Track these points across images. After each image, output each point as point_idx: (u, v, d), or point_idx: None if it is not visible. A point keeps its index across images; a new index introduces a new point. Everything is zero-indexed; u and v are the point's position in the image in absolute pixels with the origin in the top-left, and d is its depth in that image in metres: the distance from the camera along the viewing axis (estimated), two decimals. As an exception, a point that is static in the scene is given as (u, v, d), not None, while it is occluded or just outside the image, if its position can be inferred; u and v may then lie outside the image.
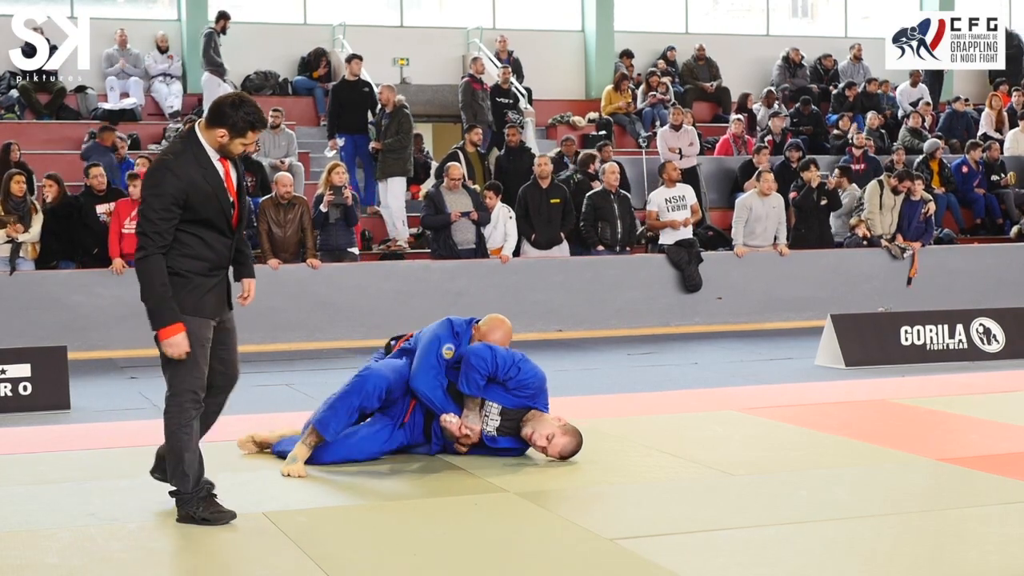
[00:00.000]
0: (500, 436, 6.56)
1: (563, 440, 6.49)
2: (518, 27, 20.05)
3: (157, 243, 5.14)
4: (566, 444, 6.49)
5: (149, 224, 5.15)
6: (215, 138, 5.25)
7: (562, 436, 6.49)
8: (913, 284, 14.68)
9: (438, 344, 6.56)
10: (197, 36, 17.95)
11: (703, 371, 10.82)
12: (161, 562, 4.71)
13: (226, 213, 5.33)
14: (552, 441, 6.47)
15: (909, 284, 14.70)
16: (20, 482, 6.24)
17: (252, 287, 5.68)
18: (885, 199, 14.76)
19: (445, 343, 6.57)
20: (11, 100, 16.65)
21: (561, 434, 6.50)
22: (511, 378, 6.50)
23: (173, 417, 5.31)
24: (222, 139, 5.25)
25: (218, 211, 5.29)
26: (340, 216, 13.09)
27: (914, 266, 14.72)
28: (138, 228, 5.21)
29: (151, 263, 5.14)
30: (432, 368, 6.51)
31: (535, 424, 6.51)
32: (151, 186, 5.21)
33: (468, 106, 16.59)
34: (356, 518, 5.42)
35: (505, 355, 6.51)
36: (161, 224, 5.14)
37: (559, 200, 13.98)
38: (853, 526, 5.17)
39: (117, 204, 12.49)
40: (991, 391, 9.08)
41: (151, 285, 5.16)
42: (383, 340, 8.15)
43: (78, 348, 11.25)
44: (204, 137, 5.27)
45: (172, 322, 5.16)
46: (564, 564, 4.71)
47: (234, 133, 5.24)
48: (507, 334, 6.77)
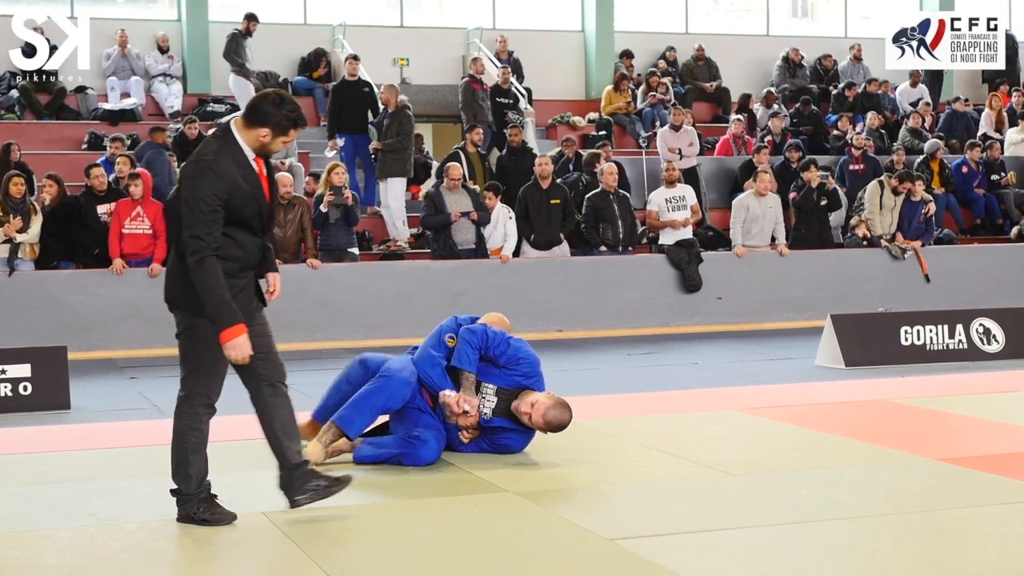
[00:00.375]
0: (495, 416, 6.56)
1: (547, 404, 6.43)
2: (518, 27, 20.06)
3: (209, 244, 5.08)
4: (549, 409, 6.41)
5: (199, 226, 5.08)
6: (256, 137, 5.22)
7: (548, 401, 6.46)
8: (916, 282, 14.68)
9: (440, 333, 6.67)
10: (197, 36, 17.96)
11: (703, 371, 10.82)
12: (161, 562, 4.71)
13: (262, 213, 5.31)
14: (535, 406, 6.42)
15: (928, 281, 14.71)
16: (20, 482, 6.25)
17: (277, 281, 5.61)
18: (885, 199, 14.77)
19: (447, 333, 6.64)
20: (11, 100, 16.65)
21: (547, 400, 6.47)
22: (502, 353, 6.52)
23: (183, 419, 5.33)
24: (264, 138, 5.22)
25: (255, 212, 5.27)
26: (340, 216, 13.10)
27: (923, 264, 14.72)
28: (187, 232, 5.12)
29: (207, 265, 5.08)
30: (433, 349, 6.60)
31: (523, 395, 6.53)
32: (194, 188, 5.13)
33: (468, 106, 16.59)
34: (356, 518, 5.42)
35: (496, 332, 6.58)
36: (211, 225, 5.09)
37: (559, 200, 13.98)
38: (853, 526, 5.17)
39: (117, 204, 12.49)
40: (991, 391, 9.08)
41: (210, 288, 5.09)
42: (383, 340, 8.25)
43: (78, 348, 11.25)
44: (242, 136, 5.23)
45: (234, 323, 5.11)
46: (564, 564, 4.71)
47: (277, 131, 5.21)
48: (505, 330, 6.79)
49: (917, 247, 14.74)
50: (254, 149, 5.24)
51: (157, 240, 12.42)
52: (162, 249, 12.40)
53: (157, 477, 6.24)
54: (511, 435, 6.64)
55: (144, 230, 12.44)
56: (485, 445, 6.66)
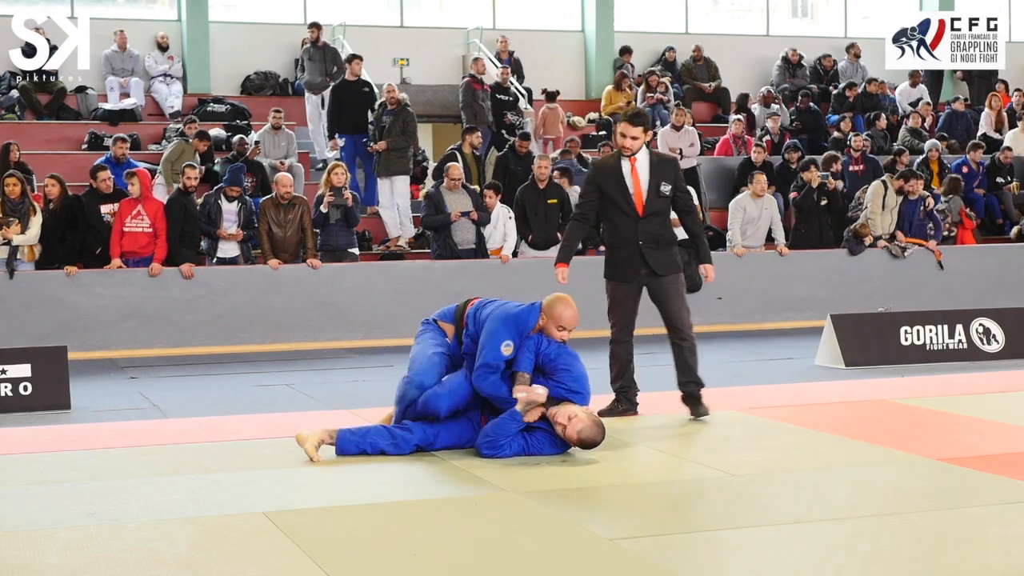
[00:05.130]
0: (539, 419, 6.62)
1: (584, 421, 6.50)
2: (518, 27, 20.07)
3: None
4: (586, 426, 6.49)
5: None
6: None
7: (586, 418, 6.53)
8: (916, 282, 14.68)
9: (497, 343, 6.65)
10: (197, 36, 17.97)
11: (703, 371, 10.80)
12: (161, 562, 4.71)
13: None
14: (572, 420, 6.50)
15: (942, 268, 14.75)
16: (20, 482, 6.24)
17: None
18: (888, 199, 14.77)
19: (504, 340, 6.66)
20: (11, 100, 16.65)
21: (585, 416, 6.54)
22: (552, 359, 6.66)
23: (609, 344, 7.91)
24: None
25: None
26: (340, 216, 13.10)
27: (936, 253, 14.75)
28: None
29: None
30: (491, 371, 6.64)
31: (563, 406, 6.59)
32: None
33: (468, 106, 16.59)
34: (356, 518, 5.42)
35: (551, 341, 6.73)
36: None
37: (556, 200, 13.99)
38: (853, 526, 5.17)
39: (120, 204, 12.48)
40: (991, 391, 9.08)
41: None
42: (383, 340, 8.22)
43: (78, 348, 11.26)
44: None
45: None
46: (564, 564, 4.71)
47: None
48: (574, 317, 6.87)
49: (931, 246, 14.76)
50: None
51: (157, 239, 12.42)
52: (162, 248, 12.40)
53: (157, 477, 6.26)
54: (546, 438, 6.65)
55: (144, 228, 12.43)
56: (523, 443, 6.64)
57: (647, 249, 7.68)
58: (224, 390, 10.00)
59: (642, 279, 7.78)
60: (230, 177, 13.22)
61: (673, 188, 7.72)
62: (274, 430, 7.54)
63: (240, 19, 18.96)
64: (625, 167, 7.68)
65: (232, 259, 13.08)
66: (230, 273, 12.81)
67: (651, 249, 7.69)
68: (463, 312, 6.95)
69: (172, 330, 12.40)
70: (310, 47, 16.65)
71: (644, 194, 7.64)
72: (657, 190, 7.65)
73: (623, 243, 7.74)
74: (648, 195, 7.65)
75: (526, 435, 6.61)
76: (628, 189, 7.65)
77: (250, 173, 14.43)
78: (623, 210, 7.68)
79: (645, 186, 7.65)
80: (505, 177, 14.86)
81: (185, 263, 12.45)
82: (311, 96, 16.69)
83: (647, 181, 7.65)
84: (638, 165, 7.67)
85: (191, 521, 5.30)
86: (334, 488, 5.98)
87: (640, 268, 7.72)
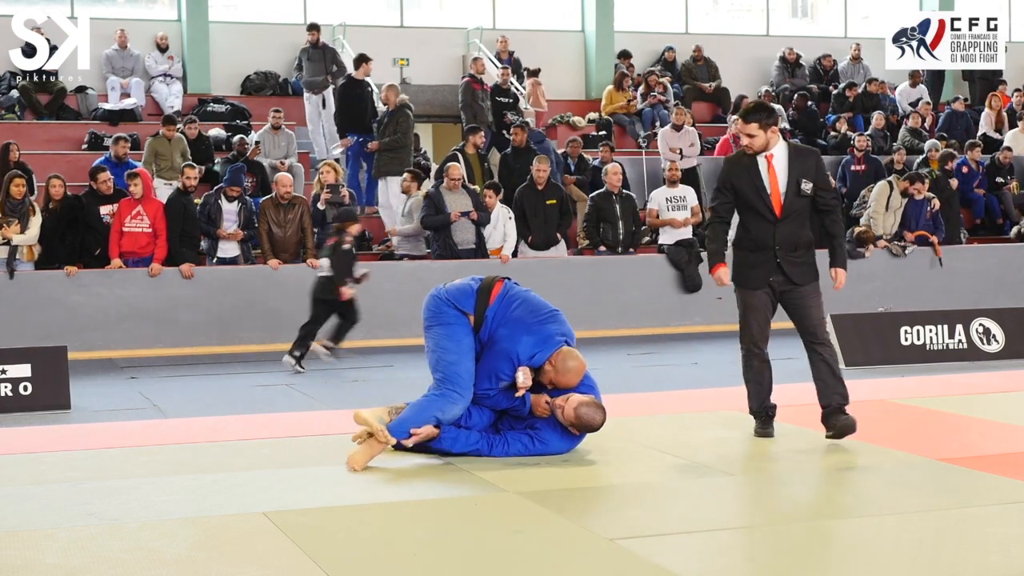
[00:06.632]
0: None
1: (581, 399, 6.41)
2: (518, 27, 20.06)
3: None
4: (583, 404, 6.39)
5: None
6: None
7: (583, 397, 6.43)
8: (916, 282, 14.69)
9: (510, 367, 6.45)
10: (197, 36, 17.96)
11: (703, 371, 10.82)
12: (161, 562, 4.71)
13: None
14: (569, 399, 6.42)
15: (941, 265, 14.81)
16: (20, 482, 6.24)
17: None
18: (892, 200, 14.77)
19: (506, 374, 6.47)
20: (11, 100, 16.64)
21: (583, 396, 6.44)
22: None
23: (742, 361, 7.33)
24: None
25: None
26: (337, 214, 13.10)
27: (936, 250, 14.78)
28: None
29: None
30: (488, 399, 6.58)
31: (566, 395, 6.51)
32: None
33: (468, 106, 16.59)
34: (356, 518, 5.42)
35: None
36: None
37: (555, 201, 13.99)
38: (853, 526, 5.17)
39: (120, 204, 12.48)
40: (991, 391, 9.08)
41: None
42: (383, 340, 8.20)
43: (78, 348, 11.24)
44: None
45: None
46: (564, 564, 4.70)
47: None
48: (573, 383, 6.59)
49: (933, 239, 14.82)
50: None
51: (157, 239, 12.42)
52: (162, 248, 12.40)
53: (157, 477, 6.26)
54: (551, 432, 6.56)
55: (144, 228, 12.43)
56: (527, 442, 6.59)
57: (783, 255, 6.96)
58: (224, 390, 10.00)
59: (778, 287, 7.08)
60: (230, 177, 13.23)
61: (814, 186, 6.95)
62: (274, 430, 7.55)
63: (240, 19, 18.94)
64: (761, 164, 6.92)
65: (232, 259, 13.08)
66: (230, 273, 12.81)
67: (788, 254, 6.97)
68: (484, 304, 6.65)
69: (172, 330, 12.40)
70: (309, 48, 16.65)
71: (782, 195, 6.90)
72: (797, 189, 6.90)
73: (757, 247, 7.04)
74: (787, 195, 6.90)
75: (531, 432, 6.58)
76: (765, 189, 6.91)
77: (250, 173, 14.44)
78: (759, 212, 6.96)
79: (783, 186, 6.91)
80: (509, 177, 14.85)
81: (185, 263, 12.45)
82: (311, 96, 16.69)
83: (784, 179, 6.91)
84: (775, 162, 6.91)
85: (191, 521, 5.30)
86: (334, 488, 5.98)
87: (775, 275, 7.03)
